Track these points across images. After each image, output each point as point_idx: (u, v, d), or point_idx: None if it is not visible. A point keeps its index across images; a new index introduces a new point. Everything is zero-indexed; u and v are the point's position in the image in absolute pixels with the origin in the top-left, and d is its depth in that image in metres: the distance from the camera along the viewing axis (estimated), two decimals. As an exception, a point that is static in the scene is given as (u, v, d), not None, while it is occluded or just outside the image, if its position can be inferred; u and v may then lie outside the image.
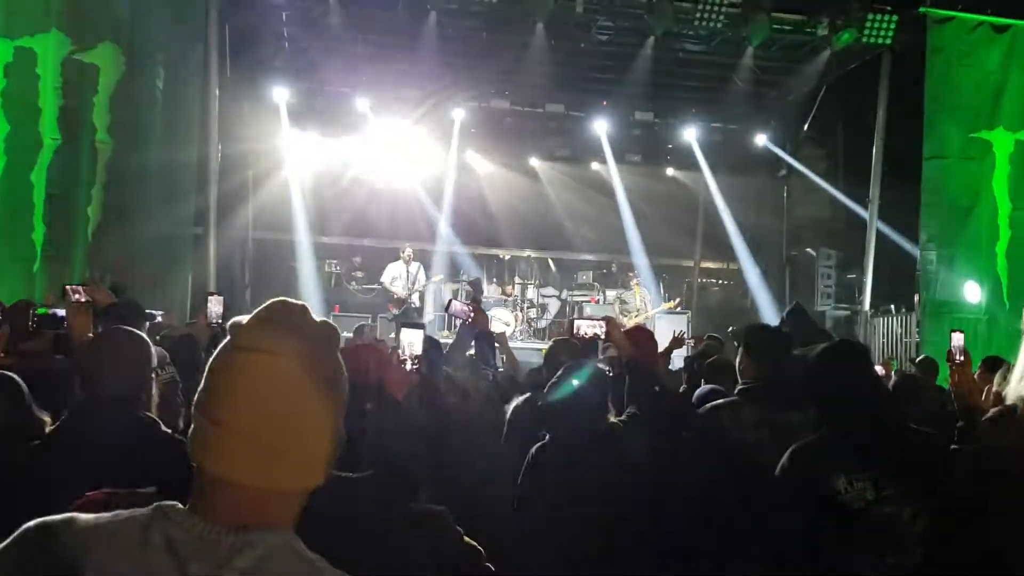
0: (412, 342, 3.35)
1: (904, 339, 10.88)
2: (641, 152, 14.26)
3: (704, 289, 15.06)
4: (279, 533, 1.02)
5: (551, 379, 3.01)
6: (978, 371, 3.87)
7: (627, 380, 3.25)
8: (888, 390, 4.15)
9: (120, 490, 1.30)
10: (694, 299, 14.13)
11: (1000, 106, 9.61)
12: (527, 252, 13.70)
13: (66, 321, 3.23)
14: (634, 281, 12.50)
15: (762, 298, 13.82)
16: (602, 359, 4.13)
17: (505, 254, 13.66)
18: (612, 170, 13.72)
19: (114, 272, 7.33)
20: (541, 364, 4.59)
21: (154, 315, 5.52)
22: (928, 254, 9.57)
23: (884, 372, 5.77)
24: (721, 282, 15.35)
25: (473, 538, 1.86)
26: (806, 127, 13.54)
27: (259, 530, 1.00)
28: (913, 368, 6.04)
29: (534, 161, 14.46)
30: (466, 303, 4.51)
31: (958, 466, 2.31)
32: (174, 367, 3.05)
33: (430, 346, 3.71)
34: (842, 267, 13.59)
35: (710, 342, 5.98)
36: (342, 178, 13.30)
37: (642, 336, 4.04)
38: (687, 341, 7.68)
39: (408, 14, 10.49)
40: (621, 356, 3.43)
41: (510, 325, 11.63)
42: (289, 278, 12.68)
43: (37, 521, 0.99)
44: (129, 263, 7.94)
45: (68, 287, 3.25)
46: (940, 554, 2.09)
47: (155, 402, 2.37)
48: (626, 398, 3.19)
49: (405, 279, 11.42)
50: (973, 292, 9.43)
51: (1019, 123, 9.63)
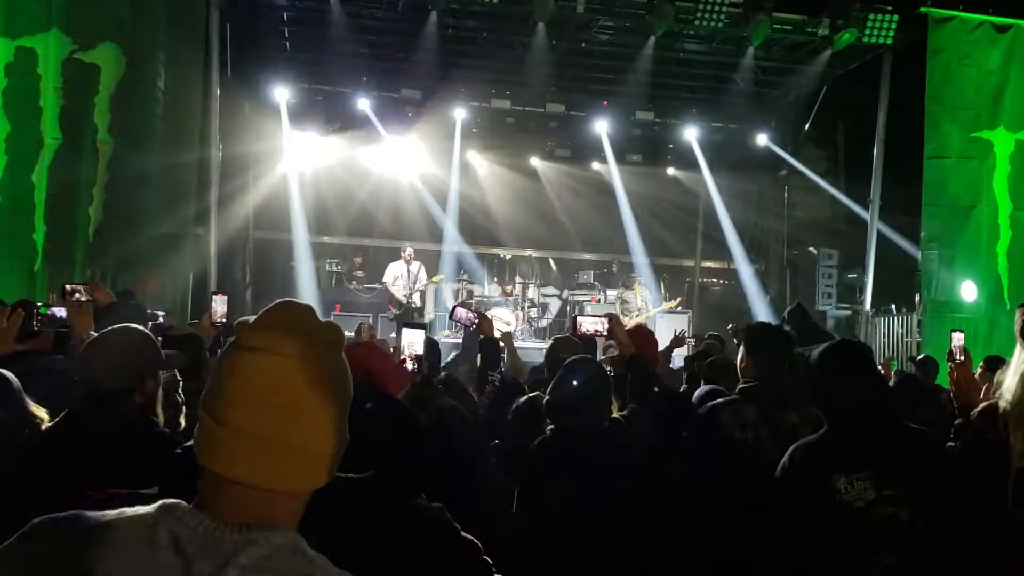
0: (413, 342, 3.35)
1: (905, 339, 10.88)
2: (642, 152, 14.25)
3: (705, 289, 15.06)
4: (283, 532, 1.02)
5: (552, 376, 3.02)
6: (979, 371, 3.87)
7: (628, 377, 3.26)
8: (889, 390, 4.15)
9: (121, 490, 1.30)
10: (695, 299, 14.12)
11: (1001, 106, 9.60)
12: (528, 252, 13.70)
13: (67, 320, 3.23)
14: (635, 281, 12.49)
15: (756, 298, 13.83)
16: (603, 359, 4.14)
17: (506, 254, 13.66)
18: (613, 170, 13.72)
19: (120, 271, 7.34)
20: (542, 363, 4.60)
21: (156, 315, 5.53)
22: (929, 254, 9.56)
23: (884, 372, 5.76)
24: (722, 282, 15.34)
25: (473, 536, 1.86)
26: (807, 127, 13.53)
27: (263, 529, 1.01)
28: (913, 367, 6.04)
29: (535, 161, 14.46)
30: (470, 310, 4.52)
31: (949, 463, 2.32)
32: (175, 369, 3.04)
33: (430, 346, 3.72)
34: (843, 267, 13.60)
35: (710, 341, 5.99)
36: (343, 178, 13.30)
37: (642, 336, 4.04)
38: (688, 340, 7.68)
39: (409, 14, 10.50)
40: (623, 352, 3.43)
41: (511, 325, 11.63)
42: (290, 278, 12.69)
43: (44, 517, 1.00)
44: (131, 263, 7.94)
45: (68, 286, 3.25)
46: (939, 554, 2.10)
47: (158, 399, 2.36)
48: (628, 395, 3.20)
49: (406, 279, 11.42)
50: (969, 291, 9.42)
51: (1020, 123, 9.62)
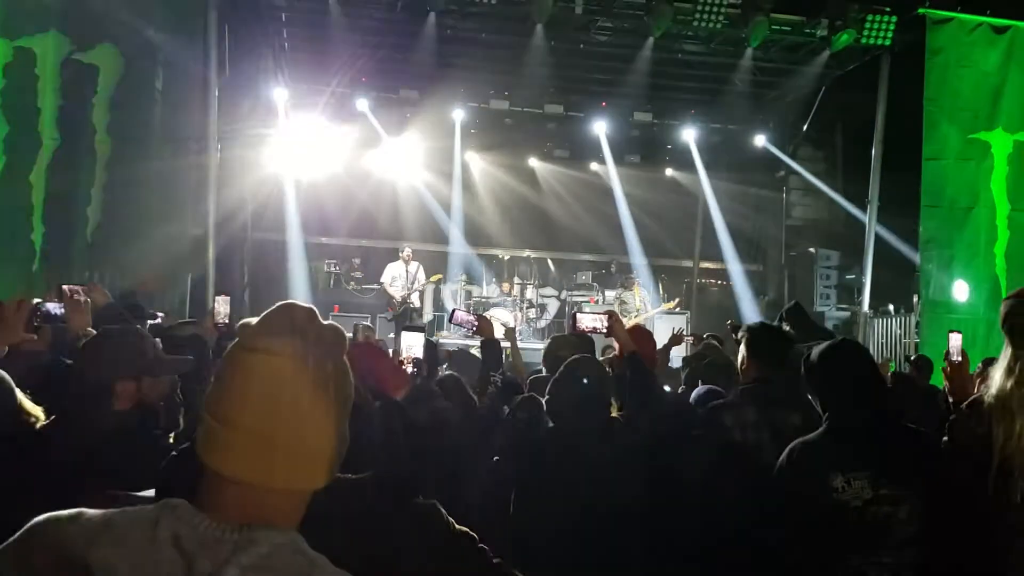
0: (412, 345, 3.36)
1: (903, 340, 10.89)
2: (640, 153, 14.26)
3: (703, 289, 15.06)
4: (283, 532, 1.03)
5: (551, 375, 3.02)
6: (976, 371, 3.86)
7: (627, 374, 3.26)
8: (887, 390, 4.15)
9: (119, 492, 1.30)
10: (693, 299, 14.13)
11: (999, 107, 9.60)
12: (526, 252, 13.70)
13: (64, 316, 3.23)
14: (634, 281, 12.49)
15: (746, 300, 13.86)
16: (602, 359, 4.14)
17: (504, 254, 13.65)
18: (611, 171, 13.73)
19: (118, 271, 7.33)
20: (540, 364, 4.60)
21: (155, 315, 5.52)
22: (927, 255, 9.56)
23: (881, 373, 5.75)
24: (720, 282, 15.35)
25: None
26: (805, 128, 13.55)
27: (264, 528, 1.01)
28: (908, 366, 6.03)
29: (533, 162, 14.46)
30: (470, 312, 4.54)
31: (945, 461, 2.33)
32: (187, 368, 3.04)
33: (429, 348, 3.72)
34: (841, 268, 13.62)
35: (709, 341, 5.98)
36: (341, 178, 13.29)
37: (641, 336, 4.04)
38: (686, 339, 7.68)
39: (407, 15, 10.50)
40: (622, 350, 3.44)
41: (509, 325, 11.62)
42: (287, 278, 12.68)
43: (46, 515, 1.01)
44: (129, 263, 7.93)
45: (66, 287, 3.24)
46: (936, 552, 2.10)
47: (153, 399, 2.36)
48: (626, 393, 3.20)
49: (404, 279, 11.42)
50: (962, 291, 9.43)
51: (1018, 124, 9.62)
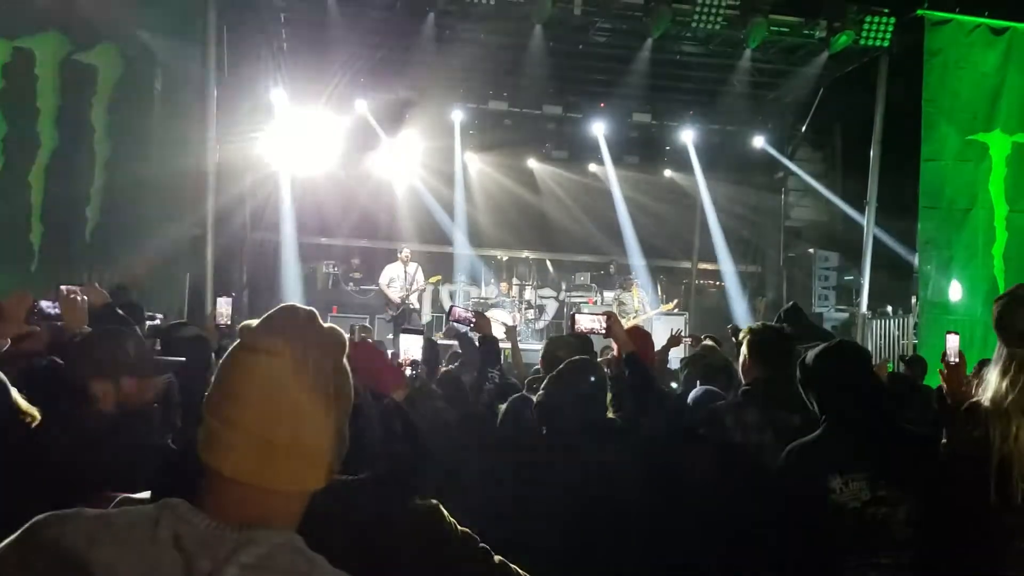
0: (410, 347, 3.36)
1: (901, 341, 10.89)
2: (639, 154, 14.26)
3: (702, 290, 15.07)
4: (283, 532, 1.04)
5: (548, 376, 3.02)
6: (972, 372, 3.86)
7: (626, 374, 3.27)
8: (885, 390, 4.15)
9: (116, 494, 1.31)
10: (691, 300, 14.14)
11: (997, 108, 9.61)
12: (525, 253, 13.71)
13: (60, 315, 3.24)
14: (632, 282, 12.49)
15: (744, 301, 13.88)
16: (601, 360, 4.14)
17: (503, 255, 13.65)
18: (610, 172, 13.73)
19: (116, 272, 7.32)
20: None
21: (154, 317, 5.52)
22: (925, 256, 9.58)
23: (879, 374, 5.75)
24: (719, 284, 15.36)
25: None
26: (804, 129, 13.57)
27: (263, 528, 1.02)
28: (903, 367, 6.03)
29: (532, 162, 14.46)
30: (468, 309, 4.54)
31: (943, 462, 2.34)
32: (175, 368, 3.04)
33: (429, 348, 3.72)
34: (840, 269, 13.62)
35: (707, 342, 5.98)
36: (340, 179, 13.29)
37: (639, 337, 4.05)
38: (684, 340, 7.68)
39: (406, 16, 10.51)
40: (621, 350, 3.44)
41: (508, 325, 11.62)
42: (286, 279, 12.67)
43: (47, 514, 1.01)
44: (127, 264, 7.93)
45: (64, 287, 3.25)
46: (934, 553, 2.10)
47: (146, 399, 2.37)
48: (625, 393, 3.20)
49: (403, 280, 11.41)
50: (959, 292, 9.43)
51: (1016, 125, 9.64)
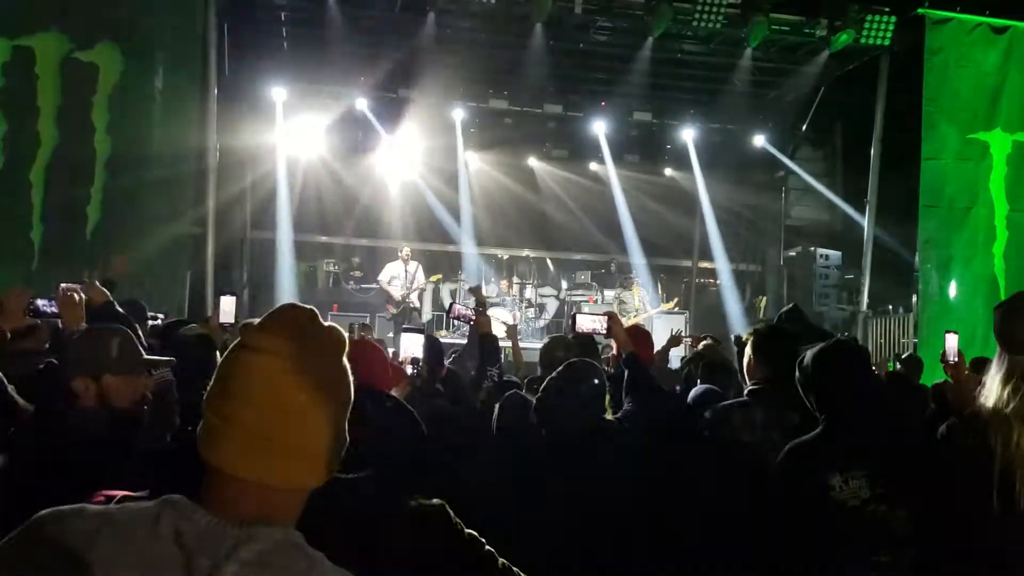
0: (411, 346, 3.36)
1: (902, 340, 10.88)
2: (639, 152, 14.25)
3: (702, 290, 15.07)
4: (283, 529, 1.05)
5: (547, 376, 3.02)
6: (969, 370, 3.86)
7: (626, 374, 3.27)
8: (884, 389, 4.16)
9: (115, 493, 1.31)
10: (692, 299, 14.14)
11: (998, 107, 9.62)
12: (525, 252, 13.69)
13: (57, 312, 3.24)
14: (633, 281, 12.49)
15: (736, 301, 13.89)
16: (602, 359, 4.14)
17: (503, 254, 13.65)
18: (610, 170, 13.72)
19: (108, 268, 7.30)
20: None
21: (156, 317, 5.50)
22: (926, 255, 9.57)
23: (880, 373, 5.75)
24: (719, 282, 15.36)
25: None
26: (804, 128, 13.56)
27: (263, 525, 1.03)
28: (899, 366, 6.02)
29: (532, 161, 14.45)
30: (468, 307, 4.54)
31: (943, 462, 2.34)
32: (169, 369, 3.03)
33: (431, 347, 3.72)
34: (840, 268, 13.62)
35: (707, 342, 5.98)
36: (340, 178, 13.29)
37: (638, 336, 4.05)
38: (685, 339, 7.68)
39: (407, 15, 10.50)
40: (621, 350, 3.44)
41: (509, 324, 11.62)
42: (286, 278, 12.67)
43: (49, 510, 1.02)
44: (126, 261, 7.91)
45: (64, 285, 3.25)
46: (933, 553, 2.10)
47: (136, 399, 2.38)
48: (624, 392, 3.20)
49: (403, 279, 11.41)
50: (960, 291, 9.43)
51: (1017, 124, 9.64)
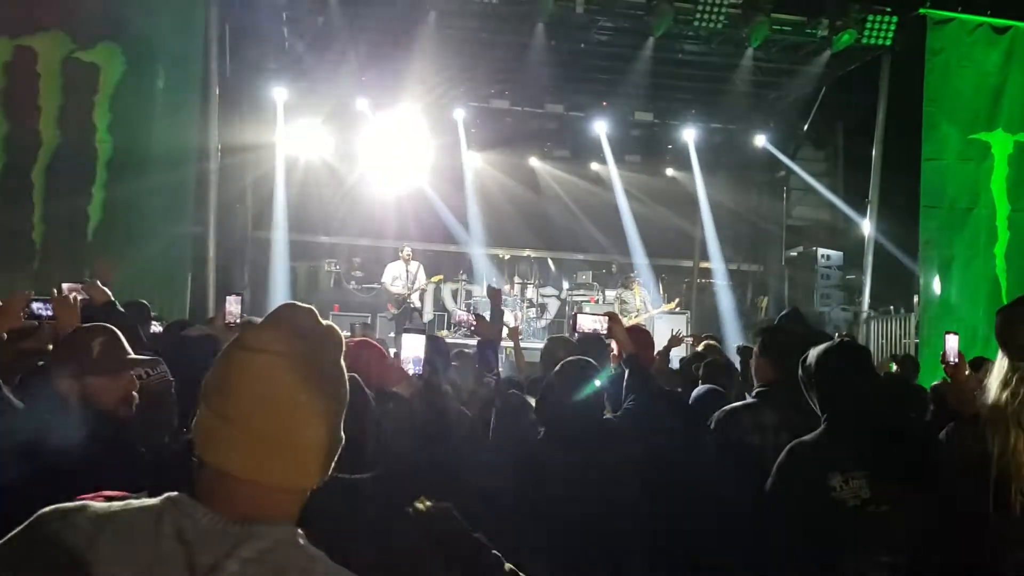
0: (412, 346, 3.35)
1: (903, 340, 10.87)
2: (641, 152, 14.25)
3: (703, 290, 15.06)
4: (283, 527, 1.05)
5: (547, 375, 3.02)
6: (968, 372, 3.86)
7: (626, 374, 3.27)
8: (886, 389, 4.15)
9: (115, 493, 1.31)
10: (693, 299, 14.13)
11: (999, 107, 9.60)
12: (527, 252, 13.68)
13: (53, 314, 3.24)
14: (634, 281, 12.48)
15: (733, 302, 13.88)
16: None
17: (505, 254, 13.64)
18: (612, 170, 13.71)
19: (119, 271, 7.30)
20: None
21: (160, 318, 5.48)
22: (927, 255, 9.56)
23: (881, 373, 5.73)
24: (720, 283, 15.33)
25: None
26: (805, 128, 13.55)
27: (264, 523, 1.03)
28: (894, 366, 6.00)
29: (534, 161, 14.46)
30: (468, 313, 4.54)
31: (943, 463, 2.34)
32: (165, 367, 3.04)
33: (434, 348, 3.71)
34: (841, 268, 13.61)
35: (708, 342, 5.98)
36: (341, 178, 13.29)
37: (639, 336, 4.04)
38: (686, 339, 7.67)
39: (408, 14, 10.50)
40: (621, 350, 3.44)
41: (510, 325, 11.61)
42: (287, 278, 12.69)
43: (51, 508, 1.03)
44: (130, 263, 7.91)
45: (65, 285, 3.25)
46: (933, 553, 2.10)
47: (123, 399, 2.39)
48: (624, 392, 3.20)
49: (405, 279, 11.40)
50: (961, 292, 9.41)
51: (1018, 124, 9.62)
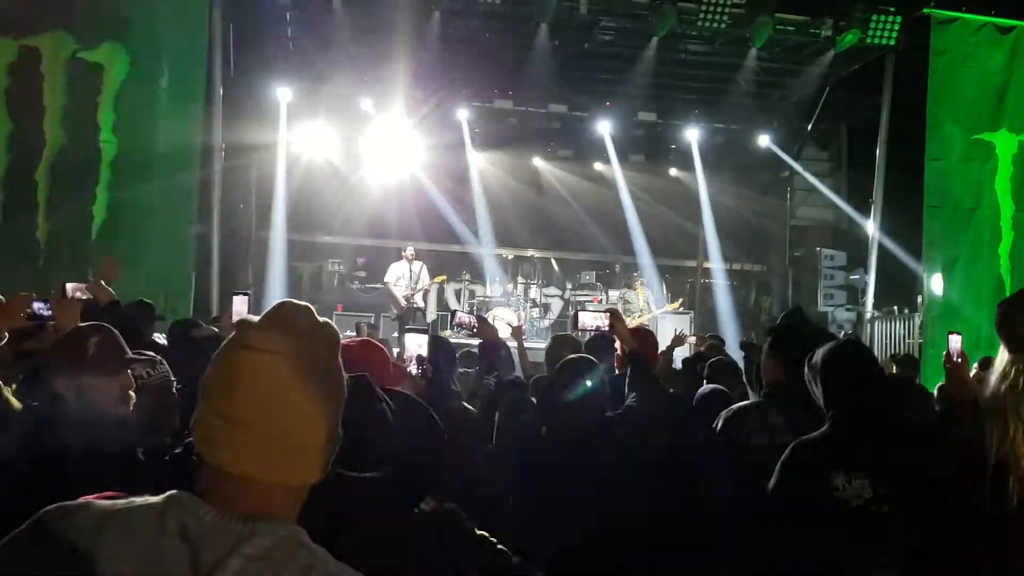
0: (415, 346, 3.35)
1: (907, 340, 10.85)
2: (644, 152, 14.24)
3: (707, 290, 15.04)
4: (286, 524, 1.06)
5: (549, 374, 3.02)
6: (973, 371, 3.85)
7: (628, 371, 3.26)
8: (889, 389, 4.14)
9: (117, 493, 1.32)
10: (696, 300, 14.12)
11: (1004, 107, 9.57)
12: (530, 252, 13.68)
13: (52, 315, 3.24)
14: (637, 281, 12.47)
15: (735, 303, 13.86)
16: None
17: (508, 254, 13.64)
18: (615, 170, 13.70)
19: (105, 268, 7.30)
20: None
21: (163, 317, 5.46)
22: (931, 256, 9.54)
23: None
24: (723, 283, 15.32)
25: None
26: (809, 128, 13.53)
27: (266, 520, 1.04)
28: (894, 366, 6.00)
29: (537, 161, 14.45)
30: (471, 314, 4.54)
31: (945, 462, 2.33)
32: (166, 366, 3.04)
33: (437, 347, 3.71)
34: (845, 268, 13.60)
35: (712, 342, 5.98)
36: (345, 178, 13.31)
37: (643, 336, 4.04)
38: (689, 340, 7.67)
39: (412, 14, 10.51)
40: (624, 347, 3.44)
41: (514, 324, 11.61)
42: (286, 277, 12.70)
43: (55, 505, 1.03)
44: (134, 262, 7.93)
45: (69, 285, 3.25)
46: (934, 552, 2.10)
47: (120, 398, 2.39)
48: (627, 389, 3.20)
49: (408, 279, 11.41)
50: (965, 292, 9.40)
51: (1022, 125, 9.60)
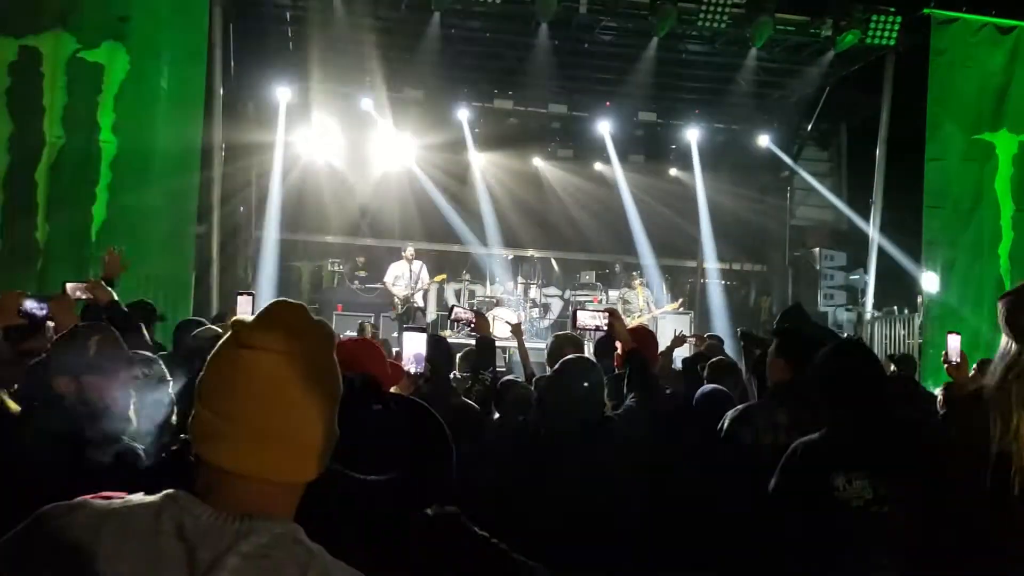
0: (414, 345, 3.35)
1: (907, 340, 10.85)
2: (644, 152, 14.22)
3: (707, 290, 15.03)
4: (283, 522, 1.06)
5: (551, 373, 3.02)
6: (973, 372, 3.86)
7: (627, 370, 3.26)
8: (890, 389, 4.14)
9: (116, 494, 1.33)
10: (697, 300, 14.11)
11: (1004, 107, 9.58)
12: (530, 252, 13.67)
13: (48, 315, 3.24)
14: (637, 281, 12.47)
15: (735, 303, 13.85)
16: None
17: (508, 253, 13.64)
18: (616, 170, 13.70)
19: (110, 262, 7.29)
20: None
21: (163, 317, 5.45)
22: (930, 255, 9.55)
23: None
24: (724, 282, 15.32)
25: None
26: (809, 128, 13.53)
27: (263, 519, 1.04)
28: (892, 366, 6.01)
29: (537, 161, 14.43)
30: (467, 310, 4.54)
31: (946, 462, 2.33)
32: (163, 366, 3.04)
33: (436, 346, 3.71)
34: (845, 268, 13.60)
35: (711, 342, 5.99)
36: (344, 177, 13.30)
37: (642, 336, 4.04)
38: (689, 340, 7.67)
39: (412, 14, 10.52)
40: (623, 347, 3.44)
41: (511, 323, 11.59)
42: (290, 277, 12.70)
43: (52, 505, 1.03)
44: (134, 262, 7.90)
45: (69, 284, 3.25)
46: (935, 552, 2.10)
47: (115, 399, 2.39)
48: (626, 388, 3.20)
49: (408, 278, 11.41)
50: (965, 292, 9.40)
51: (1022, 125, 9.60)
